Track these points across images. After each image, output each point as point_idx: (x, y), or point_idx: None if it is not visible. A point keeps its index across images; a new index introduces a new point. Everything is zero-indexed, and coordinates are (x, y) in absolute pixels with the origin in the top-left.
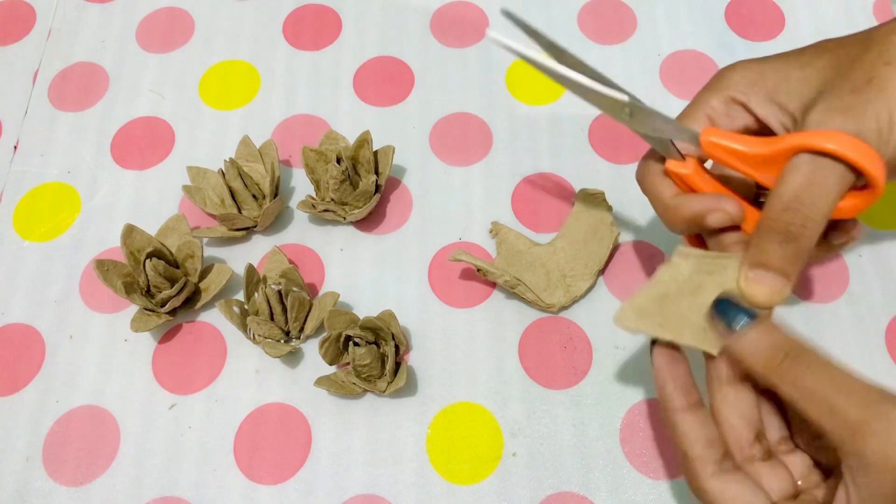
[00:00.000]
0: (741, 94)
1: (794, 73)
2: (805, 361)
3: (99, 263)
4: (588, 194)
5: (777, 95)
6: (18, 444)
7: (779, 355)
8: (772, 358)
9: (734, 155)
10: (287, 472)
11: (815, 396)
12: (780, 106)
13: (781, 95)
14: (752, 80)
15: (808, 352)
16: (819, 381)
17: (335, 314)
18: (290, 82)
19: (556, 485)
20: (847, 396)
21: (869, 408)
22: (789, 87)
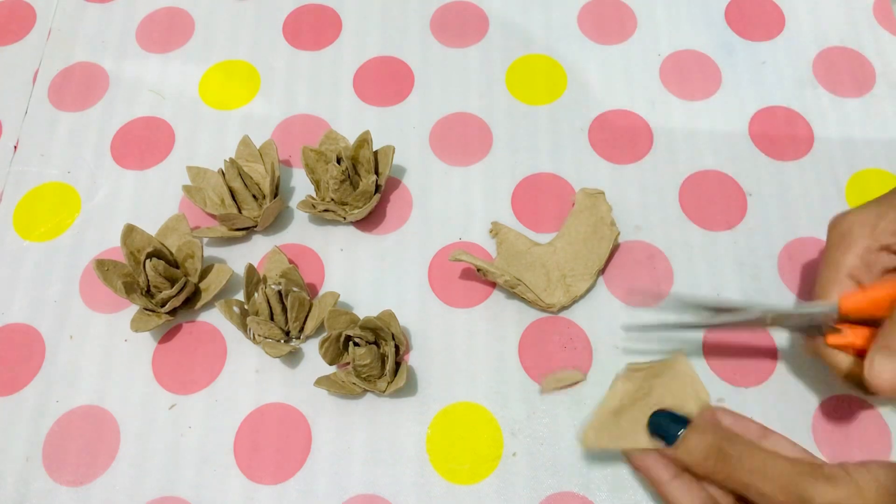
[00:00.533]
0: (871, 239)
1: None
2: (731, 459)
3: (99, 263)
4: (588, 194)
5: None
6: (18, 444)
7: (708, 463)
8: (705, 461)
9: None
10: (287, 472)
11: (749, 487)
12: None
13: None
14: (874, 223)
15: (732, 448)
16: (745, 473)
17: (335, 314)
18: (290, 82)
19: (556, 485)
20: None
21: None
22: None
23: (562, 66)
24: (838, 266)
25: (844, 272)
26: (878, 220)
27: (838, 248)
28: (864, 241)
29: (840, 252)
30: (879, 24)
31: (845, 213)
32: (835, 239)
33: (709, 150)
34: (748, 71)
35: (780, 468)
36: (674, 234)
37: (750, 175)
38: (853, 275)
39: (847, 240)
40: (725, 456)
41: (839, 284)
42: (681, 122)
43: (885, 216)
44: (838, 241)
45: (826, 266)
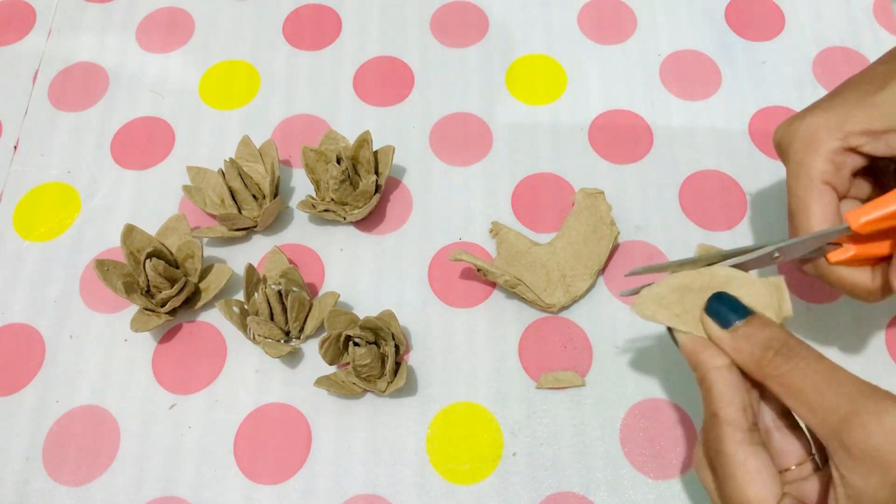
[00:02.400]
0: (839, 141)
1: (879, 98)
2: (792, 358)
3: (99, 263)
4: (588, 194)
5: (873, 125)
6: (18, 444)
7: (767, 354)
8: (760, 356)
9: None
10: (287, 472)
11: (801, 394)
12: (884, 134)
13: (877, 123)
14: (840, 123)
15: (796, 348)
16: (805, 378)
17: (335, 314)
18: (290, 82)
19: (556, 485)
20: (833, 392)
21: (855, 402)
22: (885, 112)
23: (562, 66)
24: (810, 173)
25: (818, 178)
26: (844, 120)
27: (806, 155)
28: (833, 144)
29: (809, 158)
30: (879, 24)
31: (803, 118)
32: (799, 146)
33: (709, 150)
34: (748, 71)
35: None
36: (674, 234)
37: (750, 175)
38: (826, 180)
39: (814, 144)
40: (789, 352)
41: (815, 192)
42: (681, 122)
43: (851, 116)
44: (804, 147)
45: (797, 176)
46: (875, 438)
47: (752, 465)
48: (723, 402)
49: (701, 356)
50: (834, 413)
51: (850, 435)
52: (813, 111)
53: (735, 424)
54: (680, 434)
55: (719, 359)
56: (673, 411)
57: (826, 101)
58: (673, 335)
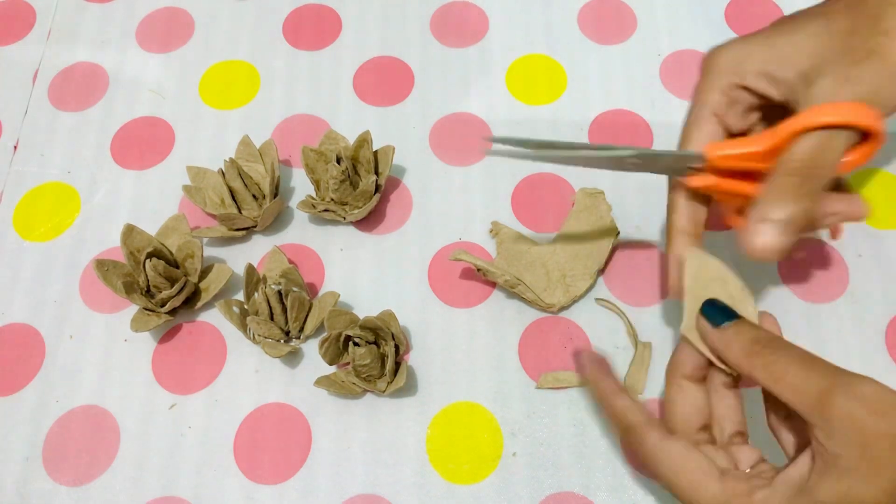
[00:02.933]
0: (735, 76)
1: (781, 42)
2: (777, 350)
3: (99, 263)
4: (588, 194)
5: (768, 67)
6: (18, 444)
7: (756, 346)
8: (748, 349)
9: (745, 158)
10: (287, 472)
11: (786, 377)
12: (776, 77)
13: (773, 66)
14: (740, 60)
15: (779, 341)
16: (788, 364)
17: (335, 314)
18: (290, 82)
19: (556, 485)
20: (812, 373)
21: (833, 378)
22: (781, 57)
23: (562, 66)
24: (702, 102)
25: (709, 109)
26: (744, 58)
27: (704, 83)
28: (729, 78)
29: (706, 87)
30: None
31: (716, 47)
32: (703, 74)
33: None
34: None
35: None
36: None
37: None
38: (717, 112)
39: (712, 75)
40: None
41: (704, 121)
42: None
43: (751, 55)
44: (705, 75)
45: (693, 102)
46: (850, 405)
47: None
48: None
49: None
50: (815, 389)
51: (829, 406)
52: (727, 43)
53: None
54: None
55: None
56: None
57: (742, 37)
58: None
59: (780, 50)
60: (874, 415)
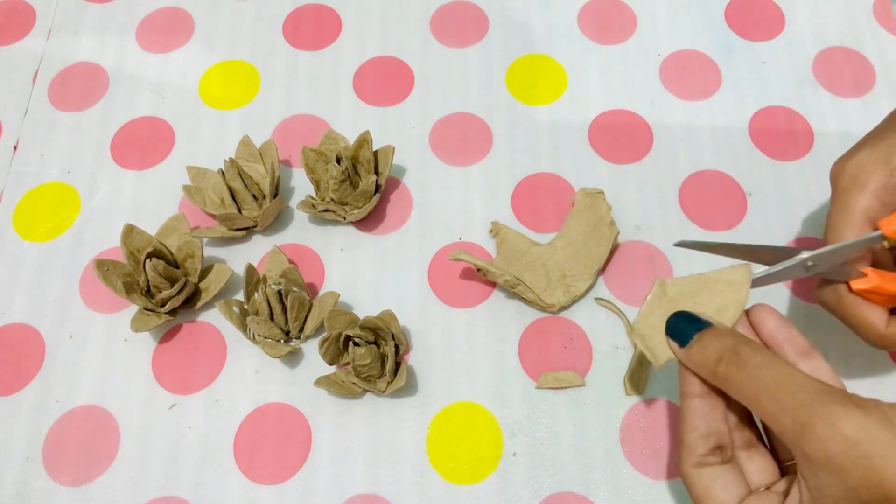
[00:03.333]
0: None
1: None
2: (746, 367)
3: (99, 263)
4: (588, 194)
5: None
6: (18, 444)
7: (720, 366)
8: (713, 368)
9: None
10: (287, 472)
11: (759, 402)
12: None
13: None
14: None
15: (747, 356)
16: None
17: (335, 314)
18: (290, 82)
19: (556, 485)
20: (788, 400)
21: (811, 408)
22: None
23: (562, 66)
24: (852, 208)
25: (860, 214)
26: (890, 155)
27: (851, 191)
28: (881, 179)
29: (853, 194)
30: (879, 24)
31: (851, 155)
32: (846, 182)
33: (708, 150)
34: (748, 71)
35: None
36: (674, 234)
37: (750, 175)
38: (869, 217)
39: (860, 180)
40: (743, 361)
41: (855, 228)
42: (681, 122)
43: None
44: (850, 183)
45: (839, 209)
46: (830, 446)
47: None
48: (686, 428)
49: (680, 380)
50: (791, 421)
51: (808, 444)
52: (861, 147)
53: (691, 449)
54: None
55: (692, 386)
56: (673, 411)
57: (873, 137)
58: None
59: None
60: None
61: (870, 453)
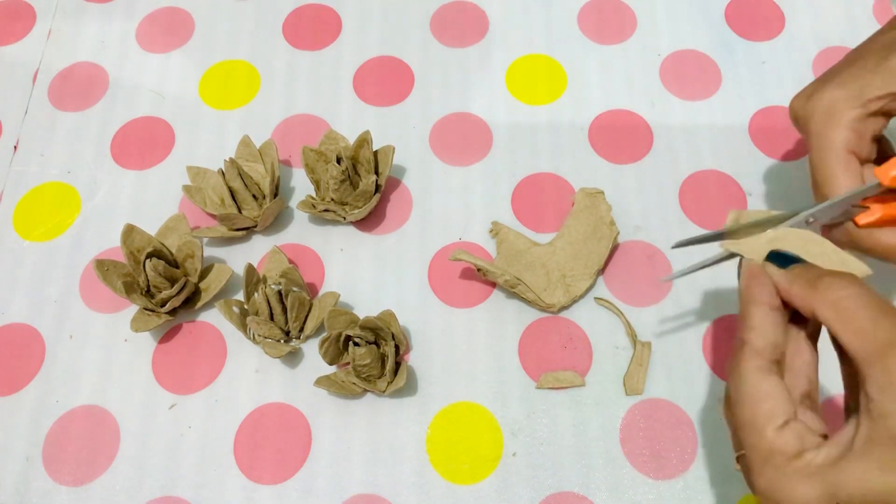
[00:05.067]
0: (859, 108)
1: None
2: (848, 287)
3: (99, 263)
4: (588, 194)
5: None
6: (18, 444)
7: (824, 279)
8: (814, 281)
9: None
10: (287, 472)
11: (854, 319)
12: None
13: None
14: (857, 92)
15: (850, 279)
16: (859, 304)
17: (335, 314)
18: (290, 82)
19: (556, 485)
20: (885, 320)
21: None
22: None
23: (562, 66)
24: (834, 144)
25: (842, 148)
26: (863, 89)
27: (827, 126)
28: (854, 112)
29: (831, 129)
30: (879, 24)
31: (821, 91)
32: (820, 119)
33: (708, 150)
34: (748, 71)
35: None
36: (674, 234)
37: (750, 175)
38: (851, 149)
39: (835, 116)
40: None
41: (841, 162)
42: (681, 121)
43: (869, 83)
44: (825, 119)
45: (820, 148)
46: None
47: (765, 387)
48: (753, 332)
49: (752, 288)
50: (881, 338)
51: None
52: (828, 84)
53: (758, 352)
54: (680, 434)
55: (767, 297)
56: (673, 411)
57: (840, 73)
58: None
59: None
60: None
61: None
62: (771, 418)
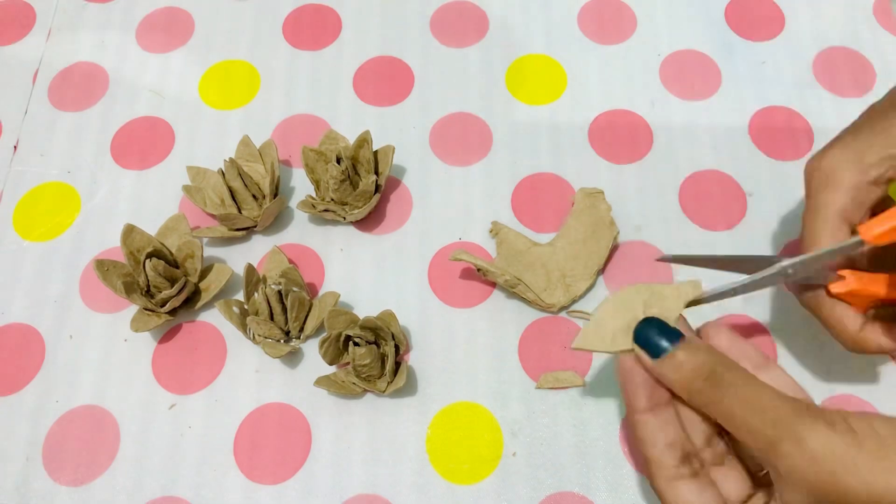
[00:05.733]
0: (860, 174)
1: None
2: (721, 385)
3: (99, 263)
4: (588, 194)
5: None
6: (18, 444)
7: (696, 383)
8: (689, 385)
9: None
10: (287, 472)
11: (734, 418)
12: None
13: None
14: (858, 156)
15: (723, 374)
16: (734, 404)
17: (335, 314)
18: (290, 82)
19: (556, 485)
20: (759, 419)
21: (778, 427)
22: None
23: (562, 66)
24: (827, 208)
25: (835, 214)
26: (863, 154)
27: (825, 191)
28: (854, 178)
29: (827, 193)
30: (879, 24)
31: (823, 154)
32: (819, 181)
33: (708, 149)
34: (748, 71)
35: (775, 402)
36: (673, 234)
37: (750, 175)
38: (845, 217)
39: (834, 179)
40: (717, 380)
41: (830, 228)
42: (681, 122)
43: (870, 147)
44: (823, 182)
45: (813, 211)
46: (797, 463)
47: (683, 499)
48: (646, 445)
49: (628, 396)
50: (763, 439)
51: (777, 461)
52: (834, 145)
53: (659, 464)
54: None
55: (642, 400)
56: None
57: (845, 137)
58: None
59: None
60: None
61: (834, 469)
62: None
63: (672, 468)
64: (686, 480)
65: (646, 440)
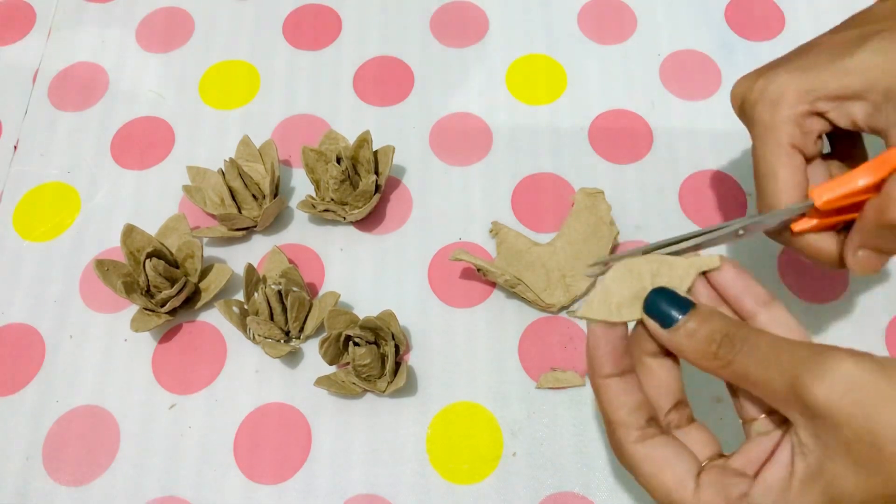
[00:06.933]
0: (807, 104)
1: (849, 62)
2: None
3: (99, 263)
4: (588, 194)
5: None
6: (18, 444)
7: (711, 348)
8: (705, 352)
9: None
10: (287, 472)
11: (750, 377)
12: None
13: (846, 89)
14: (808, 87)
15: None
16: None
17: (335, 314)
18: (290, 82)
19: (556, 485)
20: (775, 367)
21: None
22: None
23: (562, 66)
24: (779, 137)
25: (786, 142)
26: (814, 84)
27: (774, 117)
28: (801, 107)
29: (777, 121)
30: None
31: (769, 77)
32: (766, 107)
33: (709, 150)
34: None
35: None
36: (673, 233)
37: (750, 175)
38: (794, 144)
39: (782, 107)
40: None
41: (784, 157)
42: (681, 122)
43: (821, 80)
44: (771, 108)
45: (764, 139)
46: (823, 395)
47: (657, 456)
48: (611, 408)
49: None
50: (783, 383)
51: (802, 397)
52: (779, 70)
53: (627, 425)
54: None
55: (607, 366)
56: None
57: (794, 60)
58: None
59: (852, 72)
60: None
61: (862, 400)
62: (681, 485)
63: (639, 430)
64: (656, 438)
65: (612, 402)
